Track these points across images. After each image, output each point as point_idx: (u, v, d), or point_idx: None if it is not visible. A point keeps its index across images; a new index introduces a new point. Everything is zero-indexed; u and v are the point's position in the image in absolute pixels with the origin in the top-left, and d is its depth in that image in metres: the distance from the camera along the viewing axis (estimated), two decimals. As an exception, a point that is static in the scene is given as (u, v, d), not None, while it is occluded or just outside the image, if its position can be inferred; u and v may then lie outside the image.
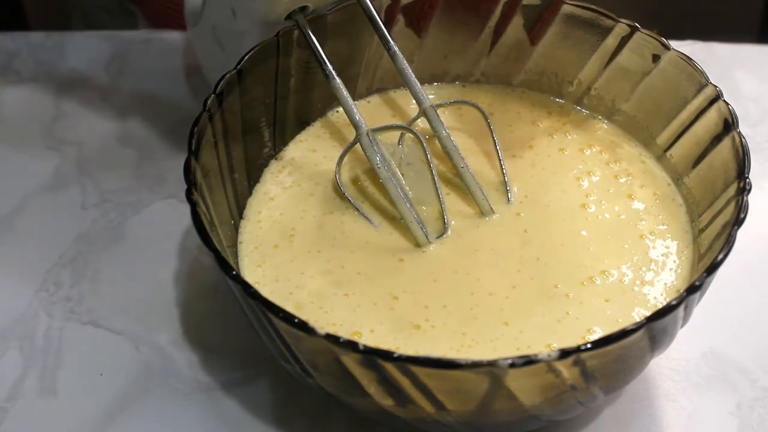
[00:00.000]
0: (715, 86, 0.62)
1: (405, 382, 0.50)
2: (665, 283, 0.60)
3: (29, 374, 0.64)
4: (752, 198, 0.57)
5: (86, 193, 0.75)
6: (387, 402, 0.53)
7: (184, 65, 0.85)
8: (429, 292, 0.60)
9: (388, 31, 0.67)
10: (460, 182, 0.65)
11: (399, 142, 0.67)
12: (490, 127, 0.66)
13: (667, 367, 0.64)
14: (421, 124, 0.66)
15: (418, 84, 0.66)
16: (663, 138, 0.67)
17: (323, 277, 0.61)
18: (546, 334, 0.57)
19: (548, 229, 0.63)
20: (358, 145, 0.64)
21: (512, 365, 0.48)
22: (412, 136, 0.65)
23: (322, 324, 0.58)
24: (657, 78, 0.66)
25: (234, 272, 0.53)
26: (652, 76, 0.66)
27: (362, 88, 0.72)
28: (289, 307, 0.59)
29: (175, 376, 0.64)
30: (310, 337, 0.50)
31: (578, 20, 0.68)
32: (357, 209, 0.65)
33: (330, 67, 0.64)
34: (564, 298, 0.59)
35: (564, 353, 0.49)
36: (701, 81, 0.63)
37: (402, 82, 0.67)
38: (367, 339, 0.57)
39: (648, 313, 0.51)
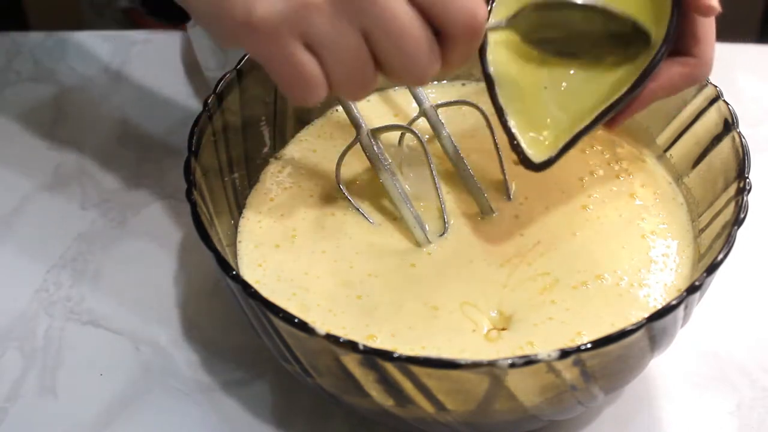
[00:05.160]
0: (715, 86, 0.62)
1: (405, 383, 0.50)
2: (665, 283, 0.60)
3: (29, 374, 0.64)
4: (752, 198, 0.57)
5: (86, 193, 0.75)
6: (387, 402, 0.53)
7: (184, 65, 0.85)
8: (436, 293, 0.60)
9: (388, 31, 0.66)
10: (460, 182, 0.65)
11: (399, 142, 0.67)
12: (490, 127, 0.66)
13: (668, 367, 0.64)
14: (422, 123, 0.66)
15: (418, 84, 0.66)
16: (663, 138, 0.67)
17: (332, 278, 0.61)
18: (531, 336, 0.57)
19: (545, 232, 0.63)
20: (358, 145, 0.64)
21: (512, 365, 0.48)
22: (412, 136, 0.65)
23: (330, 327, 0.58)
24: (657, 78, 0.66)
25: (234, 272, 0.53)
26: (652, 76, 0.66)
27: (362, 88, 0.72)
28: (294, 308, 0.58)
29: (175, 376, 0.64)
30: (310, 337, 0.50)
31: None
32: (357, 209, 0.64)
33: (330, 67, 0.64)
34: (549, 303, 0.59)
35: (564, 353, 0.48)
36: (701, 81, 0.63)
37: (402, 82, 0.67)
38: (384, 342, 0.57)
39: (647, 313, 0.51)
